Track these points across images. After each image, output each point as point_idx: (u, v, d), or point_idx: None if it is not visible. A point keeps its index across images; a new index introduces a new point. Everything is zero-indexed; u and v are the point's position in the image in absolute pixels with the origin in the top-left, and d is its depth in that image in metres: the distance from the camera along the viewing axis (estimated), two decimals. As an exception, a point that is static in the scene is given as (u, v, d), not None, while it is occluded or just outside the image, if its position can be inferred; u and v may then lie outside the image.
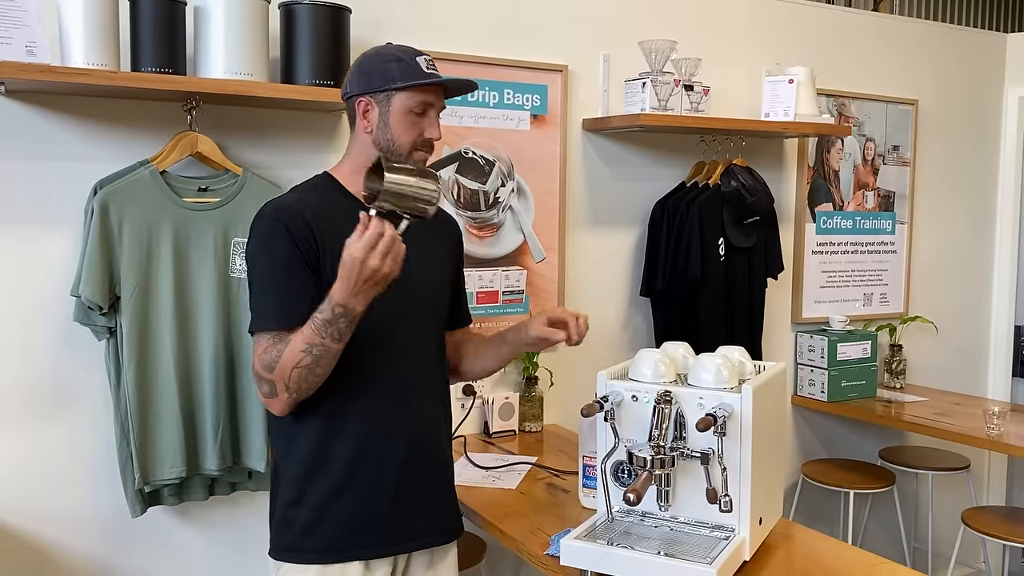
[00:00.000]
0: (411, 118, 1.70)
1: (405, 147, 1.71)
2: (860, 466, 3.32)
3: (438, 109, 1.74)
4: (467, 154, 2.70)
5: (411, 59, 1.70)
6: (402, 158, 1.70)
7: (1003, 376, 3.96)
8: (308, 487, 1.71)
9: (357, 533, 1.71)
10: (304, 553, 1.71)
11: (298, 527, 1.71)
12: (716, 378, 1.70)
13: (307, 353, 1.55)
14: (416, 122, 1.71)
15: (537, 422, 2.79)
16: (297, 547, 1.71)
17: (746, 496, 1.68)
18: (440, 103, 1.75)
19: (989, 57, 3.87)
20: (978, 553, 3.65)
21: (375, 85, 1.69)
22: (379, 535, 1.72)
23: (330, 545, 1.70)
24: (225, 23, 2.09)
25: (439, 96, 1.74)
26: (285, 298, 1.61)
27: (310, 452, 1.70)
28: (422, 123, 1.72)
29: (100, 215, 2.05)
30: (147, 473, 2.13)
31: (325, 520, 1.70)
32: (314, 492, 1.70)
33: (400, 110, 1.70)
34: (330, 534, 1.70)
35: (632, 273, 3.04)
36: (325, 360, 1.57)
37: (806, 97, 2.96)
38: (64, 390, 2.20)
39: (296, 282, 1.61)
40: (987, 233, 3.95)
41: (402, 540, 1.75)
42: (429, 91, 1.71)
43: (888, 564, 1.73)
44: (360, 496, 1.70)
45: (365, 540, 1.72)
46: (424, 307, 1.78)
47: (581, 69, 2.88)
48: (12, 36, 1.85)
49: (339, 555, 1.70)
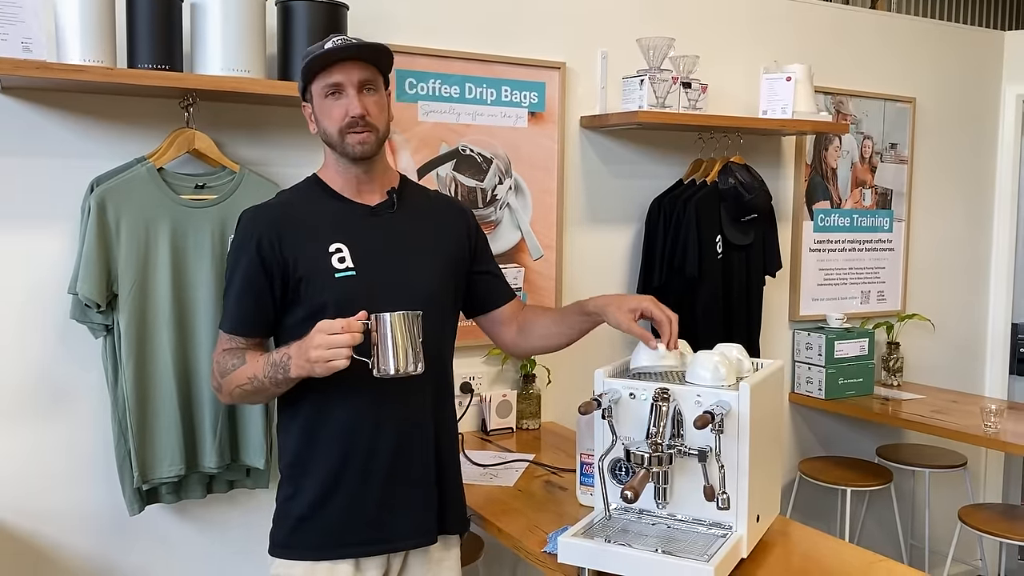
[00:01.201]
0: (329, 103, 1.66)
1: (335, 136, 1.67)
2: (857, 464, 3.33)
3: (355, 84, 1.64)
4: (464, 151, 2.69)
5: (319, 48, 1.65)
6: (339, 146, 1.69)
7: (1000, 374, 3.96)
8: (299, 483, 1.72)
9: (345, 531, 1.70)
10: (294, 550, 1.71)
11: (290, 523, 1.72)
12: (714, 376, 1.70)
13: (250, 382, 1.65)
14: (335, 105, 1.65)
15: (535, 420, 2.79)
16: (288, 543, 1.72)
17: (743, 494, 1.68)
18: (354, 77, 1.64)
19: (987, 55, 3.87)
20: (975, 550, 3.65)
21: (300, 87, 1.72)
22: (366, 534, 1.71)
23: (319, 542, 1.70)
24: (222, 19, 2.09)
25: (349, 71, 1.64)
26: (239, 306, 1.70)
27: (298, 449, 1.73)
28: (343, 104, 1.65)
29: (97, 212, 2.05)
30: (146, 471, 2.13)
31: (315, 517, 1.70)
32: (304, 489, 1.71)
33: (319, 100, 1.68)
34: (319, 531, 1.70)
35: (630, 270, 3.04)
36: (262, 394, 1.67)
37: (804, 95, 2.96)
38: (61, 388, 2.20)
39: (252, 291, 1.69)
40: (984, 231, 3.95)
41: (392, 539, 1.73)
42: (335, 70, 1.63)
43: (885, 562, 1.73)
44: (347, 494, 1.70)
45: (353, 538, 1.71)
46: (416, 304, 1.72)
47: (579, 66, 2.87)
48: (8, 32, 1.84)
49: (328, 553, 1.70)
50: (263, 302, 1.69)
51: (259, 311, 1.70)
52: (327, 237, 1.69)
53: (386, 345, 1.54)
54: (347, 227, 1.71)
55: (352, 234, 1.71)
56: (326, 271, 1.67)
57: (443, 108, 2.64)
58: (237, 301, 1.70)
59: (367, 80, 1.66)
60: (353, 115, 1.64)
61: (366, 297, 1.64)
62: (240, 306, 1.70)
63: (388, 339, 1.54)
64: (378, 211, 1.76)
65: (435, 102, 2.63)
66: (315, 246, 1.68)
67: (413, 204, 1.81)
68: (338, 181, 1.75)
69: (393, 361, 1.54)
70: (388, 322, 1.54)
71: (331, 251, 1.68)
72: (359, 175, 1.74)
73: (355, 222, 1.73)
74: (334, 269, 1.67)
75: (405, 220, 1.78)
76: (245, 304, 1.70)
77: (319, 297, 1.67)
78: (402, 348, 1.54)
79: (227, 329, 1.72)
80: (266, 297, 1.69)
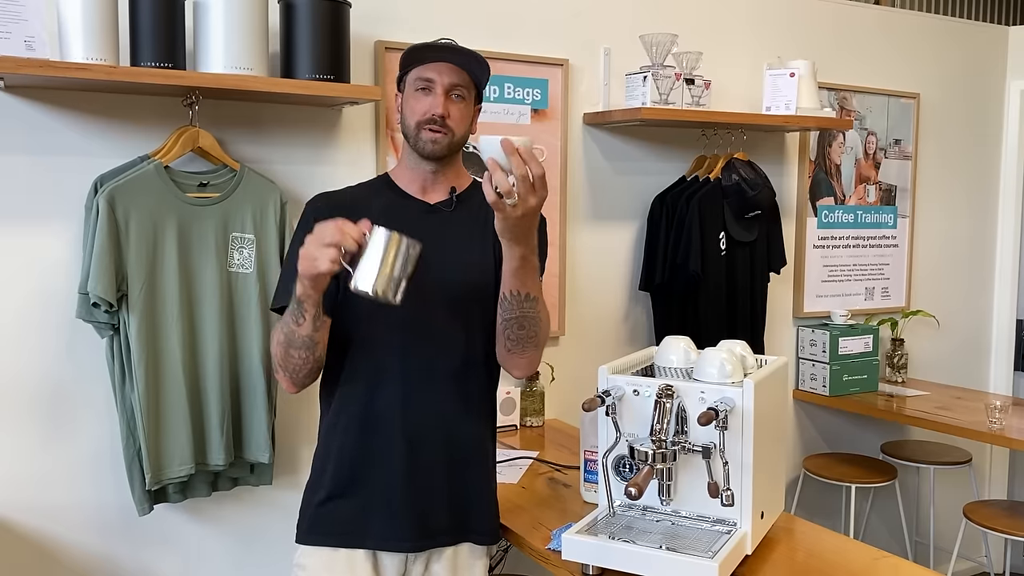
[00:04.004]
0: (417, 97, 1.70)
1: (412, 128, 1.71)
2: (862, 460, 3.32)
3: (444, 85, 1.69)
4: (468, 149, 2.69)
5: (431, 43, 1.71)
6: (412, 139, 1.71)
7: (1005, 370, 3.95)
8: (321, 471, 1.76)
9: (361, 522, 1.73)
10: (314, 535, 1.75)
11: (311, 510, 1.76)
12: (720, 372, 1.70)
13: (282, 333, 1.63)
14: (421, 99, 1.70)
15: (538, 417, 2.79)
16: (310, 530, 1.76)
17: (748, 490, 1.68)
18: (445, 79, 1.69)
19: (991, 50, 3.86)
20: (980, 547, 3.65)
21: (398, 76, 1.77)
22: (381, 529, 1.73)
23: (337, 530, 1.73)
24: (225, 17, 2.08)
25: (442, 72, 1.69)
26: (288, 281, 1.66)
27: (323, 437, 1.78)
28: (429, 101, 1.69)
29: (107, 211, 2.04)
30: (157, 472, 2.13)
31: (333, 505, 1.74)
32: (325, 477, 1.75)
33: (409, 92, 1.72)
34: (336, 520, 1.73)
35: (633, 267, 3.03)
36: (296, 342, 1.62)
37: (807, 91, 2.96)
38: (66, 386, 2.20)
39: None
40: (989, 227, 3.94)
41: (406, 538, 1.74)
42: (430, 67, 1.69)
43: (890, 558, 1.73)
44: (365, 486, 1.72)
45: (370, 530, 1.73)
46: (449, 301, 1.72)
47: (582, 63, 2.87)
48: (11, 31, 1.84)
49: (344, 540, 1.73)
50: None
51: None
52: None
53: (372, 260, 1.45)
54: (400, 221, 1.66)
55: (403, 227, 1.64)
56: None
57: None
58: (288, 277, 1.69)
59: (457, 85, 1.70)
60: (434, 113, 1.68)
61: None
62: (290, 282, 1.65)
63: (377, 254, 1.45)
64: (436, 209, 1.77)
65: (438, 99, 2.63)
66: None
67: (477, 206, 1.77)
68: (405, 178, 1.78)
69: (372, 280, 1.44)
70: (382, 237, 1.46)
71: None
72: (427, 173, 1.76)
73: (410, 217, 1.73)
74: None
75: (462, 220, 1.77)
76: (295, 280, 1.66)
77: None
78: (388, 269, 1.45)
79: (276, 305, 1.74)
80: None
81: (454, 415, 1.76)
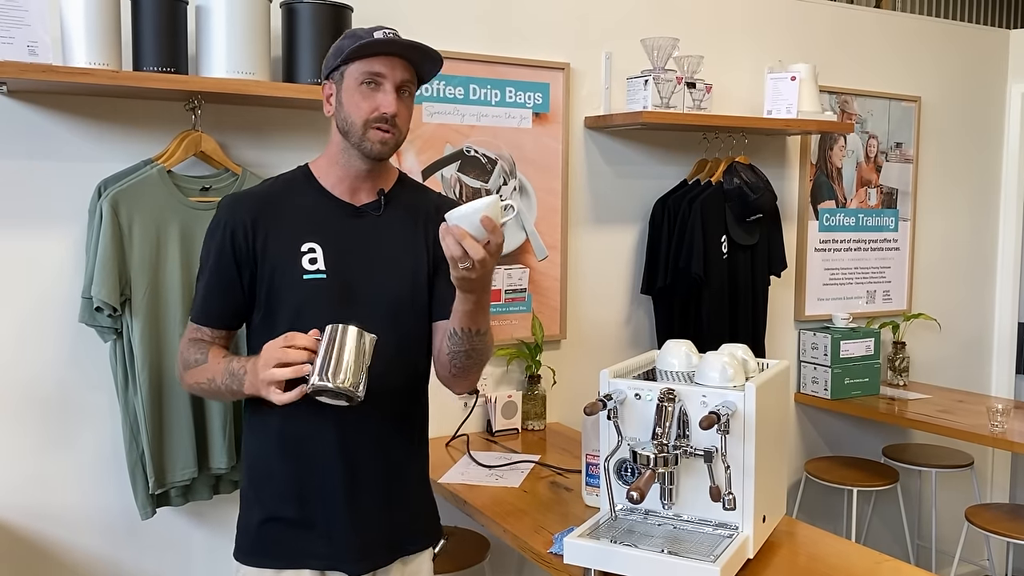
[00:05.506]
0: (362, 92, 1.57)
1: (358, 125, 1.58)
2: (863, 464, 3.32)
3: (394, 82, 1.57)
4: (469, 152, 2.69)
5: (367, 33, 1.58)
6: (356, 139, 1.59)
7: (1007, 373, 3.95)
8: (257, 490, 1.68)
9: (302, 542, 1.64)
10: (256, 556, 1.67)
11: (252, 529, 1.68)
12: (721, 376, 1.70)
13: (208, 383, 1.61)
14: (368, 95, 1.57)
15: (540, 420, 2.79)
16: (251, 550, 1.68)
17: (749, 494, 1.68)
18: (397, 75, 1.58)
19: (992, 53, 3.86)
20: (982, 550, 3.64)
21: (331, 64, 1.62)
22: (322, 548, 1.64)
23: (279, 551, 1.65)
24: (227, 22, 2.09)
25: (394, 67, 1.57)
26: (207, 296, 1.66)
27: (252, 454, 1.70)
28: (375, 97, 1.57)
29: (111, 215, 2.04)
30: (160, 476, 2.13)
31: (274, 525, 1.66)
32: (264, 495, 1.67)
33: (351, 85, 1.58)
34: (277, 540, 1.65)
35: (634, 270, 3.04)
36: (219, 397, 1.67)
37: (808, 94, 2.96)
38: (68, 390, 2.20)
39: (222, 282, 1.64)
40: (990, 230, 3.94)
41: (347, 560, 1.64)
42: (379, 60, 1.56)
43: (892, 562, 1.73)
44: (303, 506, 1.64)
45: (311, 550, 1.64)
46: (382, 312, 1.63)
47: (583, 67, 2.87)
48: (14, 36, 1.85)
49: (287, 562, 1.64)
50: (232, 294, 1.63)
51: (227, 303, 1.65)
52: (302, 236, 1.62)
53: (330, 356, 1.42)
54: (326, 226, 1.63)
55: (329, 234, 1.63)
56: (294, 271, 1.60)
57: (448, 109, 2.65)
58: (206, 291, 1.65)
59: (407, 82, 1.60)
60: (386, 111, 1.57)
61: (334, 300, 1.59)
62: (208, 297, 1.65)
63: (334, 350, 1.42)
64: (363, 211, 1.67)
65: (439, 103, 2.63)
66: (288, 244, 1.61)
67: (404, 206, 1.70)
68: (333, 176, 1.66)
69: (332, 379, 1.40)
70: (339, 332, 1.43)
71: (303, 251, 1.61)
72: (360, 172, 1.65)
73: (336, 221, 1.64)
74: (303, 270, 1.60)
75: (391, 223, 1.68)
76: (213, 295, 1.65)
77: (282, 297, 1.61)
78: (347, 366, 1.41)
79: (194, 318, 1.67)
80: (236, 290, 1.63)
81: (390, 431, 1.67)
